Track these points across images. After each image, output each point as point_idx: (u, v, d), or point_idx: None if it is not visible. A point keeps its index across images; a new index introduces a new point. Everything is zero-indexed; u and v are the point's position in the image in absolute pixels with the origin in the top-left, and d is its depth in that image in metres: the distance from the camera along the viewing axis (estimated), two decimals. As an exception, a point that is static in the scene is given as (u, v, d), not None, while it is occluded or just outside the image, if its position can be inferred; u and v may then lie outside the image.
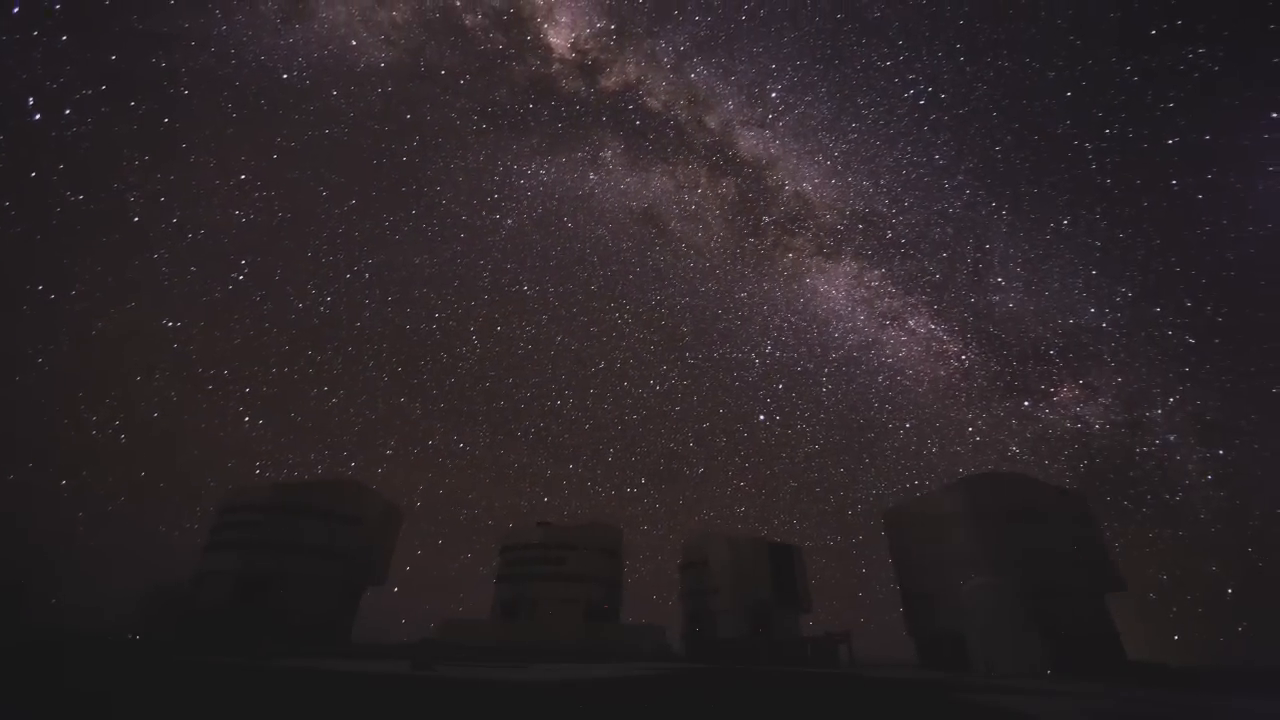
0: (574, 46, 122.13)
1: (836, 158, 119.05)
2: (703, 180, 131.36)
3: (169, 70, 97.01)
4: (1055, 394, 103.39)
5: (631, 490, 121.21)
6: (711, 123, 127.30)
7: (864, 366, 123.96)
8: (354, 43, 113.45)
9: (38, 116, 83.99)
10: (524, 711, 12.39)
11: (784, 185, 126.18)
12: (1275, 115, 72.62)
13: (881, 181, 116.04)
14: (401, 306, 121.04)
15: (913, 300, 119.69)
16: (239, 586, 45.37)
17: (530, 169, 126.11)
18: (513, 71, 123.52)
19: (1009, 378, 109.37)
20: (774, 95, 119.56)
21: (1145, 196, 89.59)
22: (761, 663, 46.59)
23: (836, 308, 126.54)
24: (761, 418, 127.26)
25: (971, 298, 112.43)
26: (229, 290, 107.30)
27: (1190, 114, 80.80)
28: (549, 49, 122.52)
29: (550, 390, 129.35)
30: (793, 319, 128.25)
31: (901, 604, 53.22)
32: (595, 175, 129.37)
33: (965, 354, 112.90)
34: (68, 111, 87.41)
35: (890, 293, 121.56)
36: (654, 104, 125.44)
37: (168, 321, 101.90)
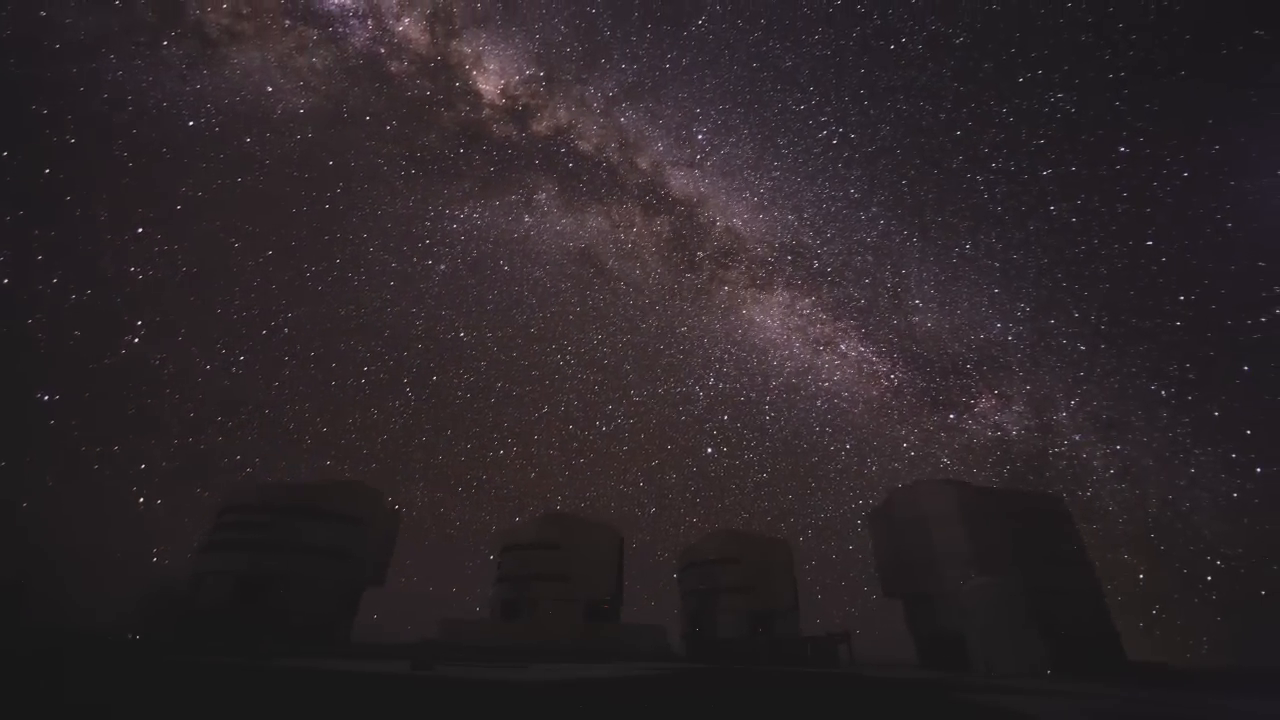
0: (504, 92, 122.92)
1: (762, 194, 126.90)
2: (637, 219, 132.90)
3: (52, 117, 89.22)
4: (975, 405, 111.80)
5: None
6: (643, 164, 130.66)
7: (803, 392, 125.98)
8: (270, 89, 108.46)
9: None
10: (524, 711, 12.39)
11: (715, 221, 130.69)
12: (1123, 149, 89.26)
13: (805, 215, 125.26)
14: (325, 362, 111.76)
15: (842, 325, 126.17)
16: (239, 587, 45.36)
17: (463, 213, 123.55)
18: (441, 117, 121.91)
19: (934, 393, 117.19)
20: (700, 137, 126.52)
21: (1030, 221, 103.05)
22: (761, 662, 46.61)
23: (773, 336, 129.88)
24: (709, 450, 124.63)
25: (894, 320, 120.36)
26: (121, 355, 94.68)
27: (1058, 149, 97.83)
28: (479, 95, 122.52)
29: (492, 440, 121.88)
30: (732, 350, 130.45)
31: (901, 604, 53.22)
32: (530, 217, 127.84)
33: (894, 373, 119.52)
34: (-80, 165, 78.59)
35: (821, 319, 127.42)
36: (586, 147, 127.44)
37: (43, 395, 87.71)
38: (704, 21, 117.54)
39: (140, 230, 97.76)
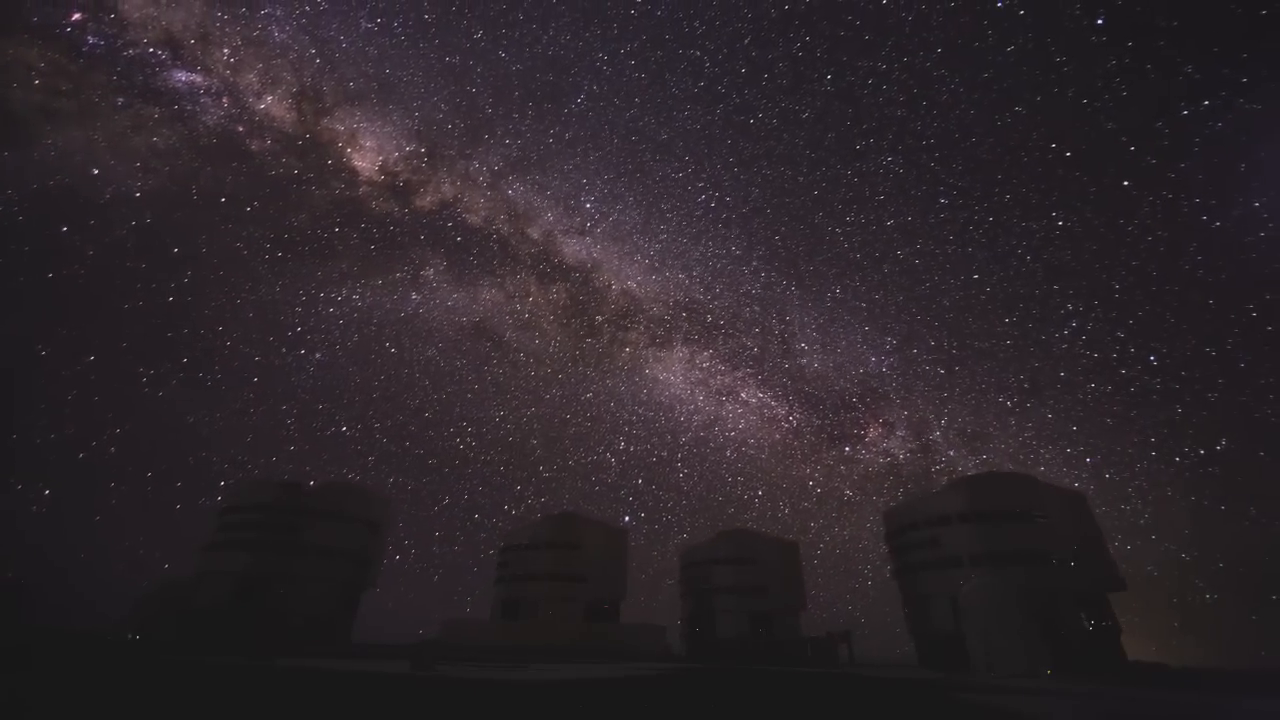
0: (383, 169, 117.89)
1: (653, 256, 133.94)
2: (533, 288, 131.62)
3: None
4: (865, 435, 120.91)
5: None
6: (534, 234, 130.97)
7: (712, 444, 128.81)
8: (96, 171, 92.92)
9: None
10: (524, 711, 12.40)
11: (611, 285, 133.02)
12: (944, 201, 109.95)
13: (694, 273, 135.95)
14: (169, 480, 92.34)
15: (740, 374, 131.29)
16: (239, 586, 45.37)
17: (340, 295, 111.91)
18: (312, 195, 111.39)
19: (829, 429, 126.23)
20: (589, 206, 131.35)
21: (884, 265, 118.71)
22: (762, 662, 46.59)
23: (677, 393, 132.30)
24: (627, 519, 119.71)
25: (785, 364, 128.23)
26: None
27: (895, 203, 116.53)
28: (354, 172, 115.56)
29: (386, 544, 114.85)
30: (639, 410, 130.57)
31: (902, 604, 53.17)
32: (418, 295, 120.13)
33: (791, 415, 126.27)
34: None
35: (720, 370, 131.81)
36: (474, 220, 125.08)
37: None
38: (582, 100, 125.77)
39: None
